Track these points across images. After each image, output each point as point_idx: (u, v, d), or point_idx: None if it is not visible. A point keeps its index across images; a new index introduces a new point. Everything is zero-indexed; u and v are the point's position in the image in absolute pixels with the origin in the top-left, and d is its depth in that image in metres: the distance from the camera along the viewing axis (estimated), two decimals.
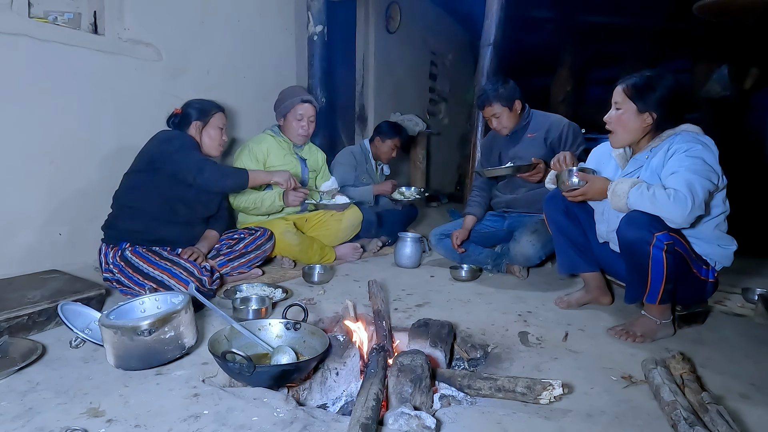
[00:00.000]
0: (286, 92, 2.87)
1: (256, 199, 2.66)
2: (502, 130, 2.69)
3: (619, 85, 1.85)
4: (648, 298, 1.77)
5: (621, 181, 1.78)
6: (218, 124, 2.34)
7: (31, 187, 2.25)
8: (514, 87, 2.64)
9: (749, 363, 1.66)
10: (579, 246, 2.14)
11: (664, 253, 1.67)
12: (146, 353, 1.43)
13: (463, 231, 2.79)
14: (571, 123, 2.66)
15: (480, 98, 2.70)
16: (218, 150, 2.37)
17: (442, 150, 6.20)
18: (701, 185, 1.64)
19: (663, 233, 1.66)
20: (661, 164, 1.75)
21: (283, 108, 2.80)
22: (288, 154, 2.83)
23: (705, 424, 1.17)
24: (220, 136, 2.35)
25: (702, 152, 1.70)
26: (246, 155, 2.73)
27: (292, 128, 2.80)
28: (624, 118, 1.83)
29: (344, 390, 1.49)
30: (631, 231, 1.71)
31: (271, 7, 3.44)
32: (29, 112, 2.20)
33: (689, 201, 1.61)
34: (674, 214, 1.64)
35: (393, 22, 4.94)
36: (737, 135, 5.36)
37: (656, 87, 1.77)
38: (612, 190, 1.78)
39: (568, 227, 2.14)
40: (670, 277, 1.71)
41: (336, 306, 2.10)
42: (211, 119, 2.32)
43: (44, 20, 2.32)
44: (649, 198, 1.66)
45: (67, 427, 1.14)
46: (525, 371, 1.55)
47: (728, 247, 1.84)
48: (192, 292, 1.61)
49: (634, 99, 1.79)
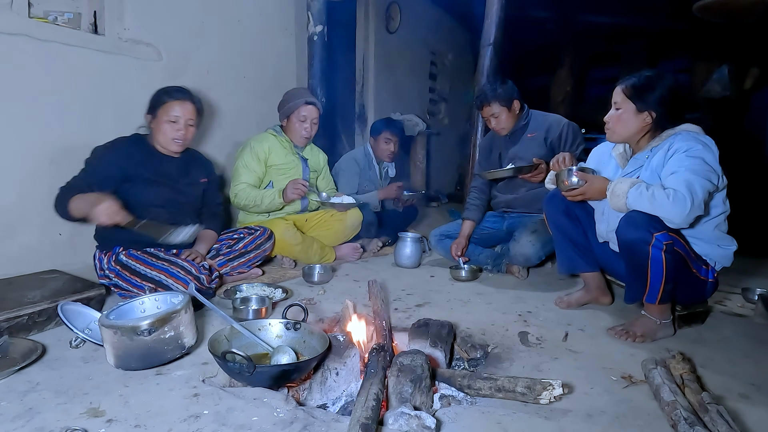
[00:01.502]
0: (291, 94, 2.87)
1: (255, 197, 2.66)
2: (501, 130, 2.69)
3: (618, 85, 1.85)
4: (648, 298, 1.77)
5: (620, 181, 1.78)
6: (166, 117, 2.14)
7: (31, 187, 2.25)
8: (512, 87, 2.64)
9: (749, 363, 1.66)
10: (579, 246, 2.14)
11: (663, 254, 1.67)
12: (146, 353, 1.43)
13: (462, 239, 2.78)
14: (570, 123, 2.66)
15: (478, 98, 2.70)
16: (173, 144, 2.18)
17: (442, 150, 6.19)
18: (701, 185, 1.64)
19: (662, 233, 1.66)
20: (662, 164, 1.75)
21: (287, 109, 2.80)
22: (289, 153, 2.83)
23: (705, 424, 1.17)
24: (172, 129, 2.15)
25: (702, 152, 1.70)
26: (248, 153, 2.73)
27: (295, 129, 2.80)
28: (623, 117, 1.83)
29: (344, 390, 1.49)
30: (630, 231, 1.71)
31: (271, 7, 3.44)
32: (29, 112, 2.20)
33: (688, 201, 1.61)
34: (673, 215, 1.64)
35: (393, 22, 4.94)
36: (737, 135, 5.36)
37: (655, 86, 1.77)
38: (611, 190, 1.78)
39: (568, 227, 2.14)
40: (670, 277, 1.71)
41: (336, 306, 2.10)
42: (158, 112, 2.15)
43: (44, 20, 2.32)
44: (648, 198, 1.66)
45: (67, 427, 1.14)
46: (525, 371, 1.55)
47: (728, 247, 1.84)
48: (192, 292, 1.61)
49: (633, 98, 1.80)
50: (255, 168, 2.72)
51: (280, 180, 2.78)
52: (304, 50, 3.56)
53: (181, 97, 2.19)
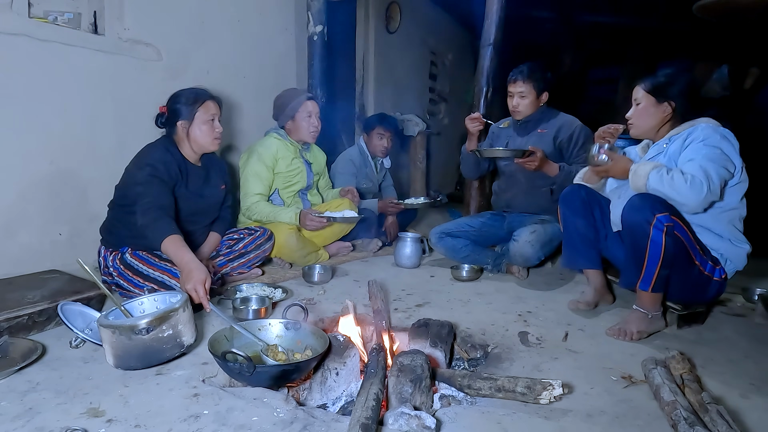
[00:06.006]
0: (286, 95, 2.84)
1: (269, 214, 2.65)
2: (518, 113, 2.67)
3: (638, 85, 1.94)
4: (642, 283, 1.80)
5: (643, 164, 1.84)
6: (206, 117, 2.13)
7: (31, 187, 2.25)
8: (550, 80, 2.64)
9: (749, 363, 1.66)
10: (587, 242, 2.16)
11: (663, 235, 1.70)
12: (145, 352, 1.43)
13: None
14: (583, 126, 2.65)
15: (517, 71, 2.64)
16: (214, 144, 2.19)
17: (442, 150, 6.19)
18: (716, 172, 1.71)
19: (664, 215, 1.71)
20: (678, 151, 1.83)
21: (290, 109, 2.76)
22: (295, 158, 2.81)
23: (705, 424, 1.17)
24: (211, 128, 2.15)
25: (720, 142, 1.77)
26: (255, 161, 2.69)
27: (303, 128, 2.78)
28: (644, 110, 1.92)
29: (344, 390, 1.49)
30: (634, 213, 1.77)
31: (271, 7, 3.44)
32: (29, 112, 2.20)
33: (705, 186, 1.68)
34: (690, 198, 1.70)
35: (393, 22, 4.94)
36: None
37: (674, 80, 1.88)
38: (634, 171, 1.84)
39: (580, 222, 2.16)
40: (667, 261, 1.73)
41: (336, 306, 2.10)
42: (196, 114, 2.11)
43: (44, 20, 2.32)
44: (668, 181, 1.72)
45: (67, 427, 1.14)
46: (525, 371, 1.55)
47: (740, 245, 1.86)
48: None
49: (653, 92, 1.89)
50: (264, 176, 2.69)
51: (286, 188, 2.78)
52: (304, 50, 3.56)
53: (210, 95, 2.18)
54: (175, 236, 1.81)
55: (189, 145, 2.16)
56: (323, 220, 2.65)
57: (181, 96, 2.14)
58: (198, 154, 2.21)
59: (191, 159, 2.19)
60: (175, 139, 2.15)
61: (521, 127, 2.73)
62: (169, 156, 2.07)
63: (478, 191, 3.68)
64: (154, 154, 2.04)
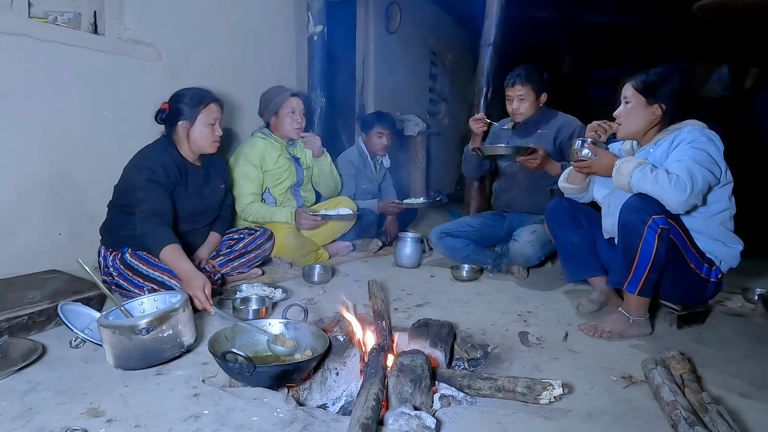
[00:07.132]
0: (270, 92, 2.82)
1: (264, 215, 2.66)
2: (519, 115, 2.67)
3: (628, 81, 1.89)
4: (629, 285, 1.78)
5: (627, 160, 1.81)
6: (208, 120, 2.12)
7: (31, 187, 2.25)
8: (547, 80, 2.65)
9: (749, 363, 1.66)
10: (584, 252, 2.16)
11: (657, 237, 1.69)
12: (145, 352, 1.43)
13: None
14: (584, 126, 2.63)
15: (514, 75, 2.65)
16: (213, 147, 2.17)
17: (442, 150, 6.19)
18: (702, 175, 1.68)
19: (661, 217, 1.69)
20: (665, 155, 1.80)
21: (273, 105, 2.76)
22: (281, 155, 2.81)
23: (705, 424, 1.17)
24: (212, 131, 2.14)
25: (706, 145, 1.74)
26: (243, 162, 2.69)
27: (286, 124, 2.77)
28: (633, 110, 1.88)
29: (344, 390, 1.49)
30: (631, 213, 1.75)
31: (271, 7, 3.44)
32: (29, 112, 2.20)
33: (688, 187, 1.64)
34: (671, 198, 1.67)
35: (393, 22, 4.94)
36: (738, 135, 5.36)
37: (665, 80, 1.83)
38: (617, 168, 1.81)
39: (572, 235, 2.16)
40: (657, 264, 1.72)
41: (336, 306, 2.10)
42: (199, 115, 2.10)
43: (44, 20, 2.32)
44: (651, 179, 1.70)
45: (67, 427, 1.14)
46: (525, 371, 1.55)
47: (734, 246, 1.85)
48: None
49: (643, 92, 1.85)
50: (254, 175, 2.69)
51: (276, 185, 2.78)
52: (304, 50, 3.56)
53: (214, 98, 2.17)
54: (173, 245, 1.83)
55: (188, 146, 2.15)
56: (317, 218, 2.66)
57: (185, 96, 2.13)
58: (196, 155, 2.20)
59: (190, 159, 2.18)
60: (175, 139, 2.15)
61: (521, 129, 2.73)
62: (168, 157, 2.07)
63: (478, 191, 3.68)
64: (152, 157, 2.04)
